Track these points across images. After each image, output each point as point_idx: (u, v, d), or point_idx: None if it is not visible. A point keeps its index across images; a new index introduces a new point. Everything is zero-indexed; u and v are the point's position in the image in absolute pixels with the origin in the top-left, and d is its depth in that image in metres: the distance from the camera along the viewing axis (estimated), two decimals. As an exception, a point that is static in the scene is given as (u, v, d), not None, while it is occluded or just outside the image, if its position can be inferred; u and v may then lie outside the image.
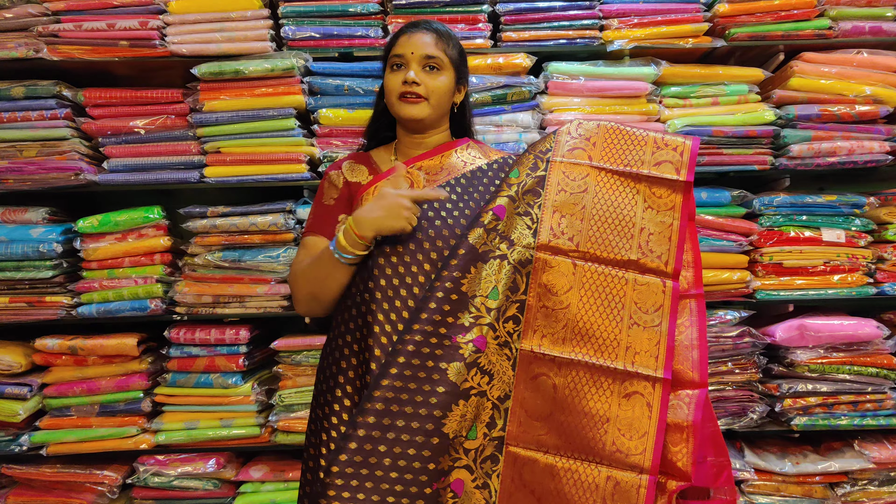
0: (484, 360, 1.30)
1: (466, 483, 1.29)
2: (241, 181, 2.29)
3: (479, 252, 1.33)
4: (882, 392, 2.23)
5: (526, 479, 1.31)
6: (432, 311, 1.29)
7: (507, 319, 1.34)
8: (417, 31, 1.45)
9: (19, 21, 2.25)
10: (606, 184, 1.40)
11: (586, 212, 1.38)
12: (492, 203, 1.38)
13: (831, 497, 2.28)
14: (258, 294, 2.28)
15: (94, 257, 2.30)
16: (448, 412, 1.25)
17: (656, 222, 1.37)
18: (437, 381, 1.26)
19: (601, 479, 1.28)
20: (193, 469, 2.32)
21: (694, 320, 1.36)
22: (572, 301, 1.33)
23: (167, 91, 2.29)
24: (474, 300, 1.32)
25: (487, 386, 1.31)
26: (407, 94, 1.41)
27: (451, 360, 1.28)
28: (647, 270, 1.35)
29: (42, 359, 2.30)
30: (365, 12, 2.31)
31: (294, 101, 2.27)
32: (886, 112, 2.27)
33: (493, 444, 1.31)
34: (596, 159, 1.42)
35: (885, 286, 2.27)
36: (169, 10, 2.25)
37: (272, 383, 2.41)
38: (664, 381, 1.29)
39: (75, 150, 2.27)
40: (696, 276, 1.38)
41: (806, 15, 2.27)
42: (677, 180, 1.37)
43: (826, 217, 2.28)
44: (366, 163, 1.52)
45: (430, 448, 1.24)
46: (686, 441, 1.27)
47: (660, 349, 1.31)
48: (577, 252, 1.36)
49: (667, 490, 1.27)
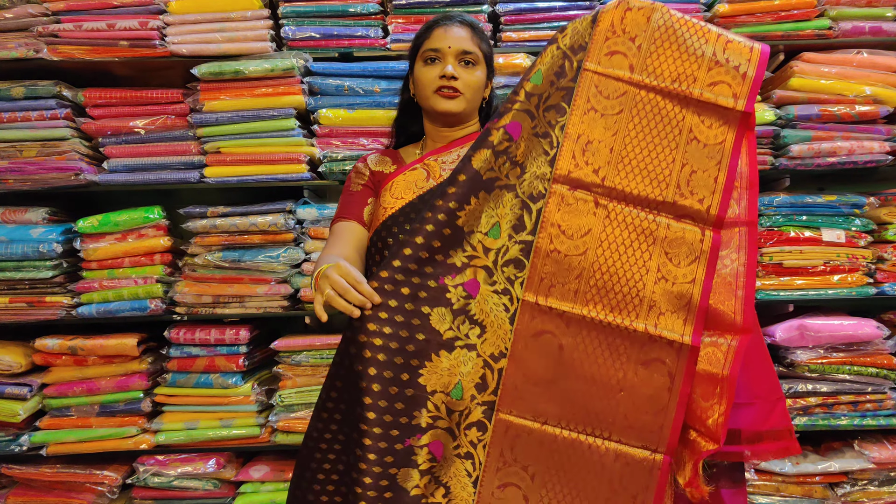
0: (475, 309, 1.14)
1: (447, 448, 1.14)
2: (241, 181, 2.29)
3: (484, 179, 1.14)
4: (882, 392, 2.23)
5: (518, 452, 1.13)
6: (418, 247, 1.12)
7: (507, 263, 1.15)
8: (453, 24, 1.42)
9: (19, 21, 2.25)
10: (647, 105, 1.16)
11: (618, 139, 1.15)
12: (504, 118, 1.16)
13: (831, 497, 2.28)
14: (258, 294, 2.28)
15: (94, 257, 2.30)
16: (427, 362, 1.12)
17: (702, 158, 1.14)
18: (417, 327, 1.12)
19: (609, 457, 1.11)
20: (193, 469, 2.31)
21: (742, 252, 1.14)
22: (590, 246, 1.13)
23: (167, 91, 2.29)
24: (471, 237, 1.15)
25: (478, 339, 1.15)
26: (444, 88, 1.39)
27: (434, 305, 1.12)
28: (684, 215, 1.14)
29: (42, 359, 2.30)
30: (365, 12, 2.31)
31: (294, 102, 2.27)
32: (886, 112, 2.26)
33: (482, 408, 1.14)
34: (638, 70, 1.17)
35: (885, 286, 2.27)
36: (169, 10, 2.25)
37: (272, 383, 2.41)
38: (692, 348, 1.10)
39: (75, 150, 2.27)
40: (751, 201, 1.15)
41: (806, 15, 2.27)
42: (732, 110, 1.13)
43: (826, 217, 2.28)
44: (392, 156, 1.52)
45: (403, 400, 1.10)
46: (719, 398, 1.07)
47: (690, 310, 1.11)
48: (601, 187, 1.15)
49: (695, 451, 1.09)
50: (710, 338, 1.12)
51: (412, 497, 1.10)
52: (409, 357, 1.11)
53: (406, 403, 1.10)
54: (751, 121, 1.15)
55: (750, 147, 1.16)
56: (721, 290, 1.14)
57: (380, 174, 1.47)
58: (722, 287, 1.14)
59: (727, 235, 1.16)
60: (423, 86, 1.43)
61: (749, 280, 1.12)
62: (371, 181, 1.46)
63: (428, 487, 1.12)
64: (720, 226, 1.14)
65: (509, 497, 1.14)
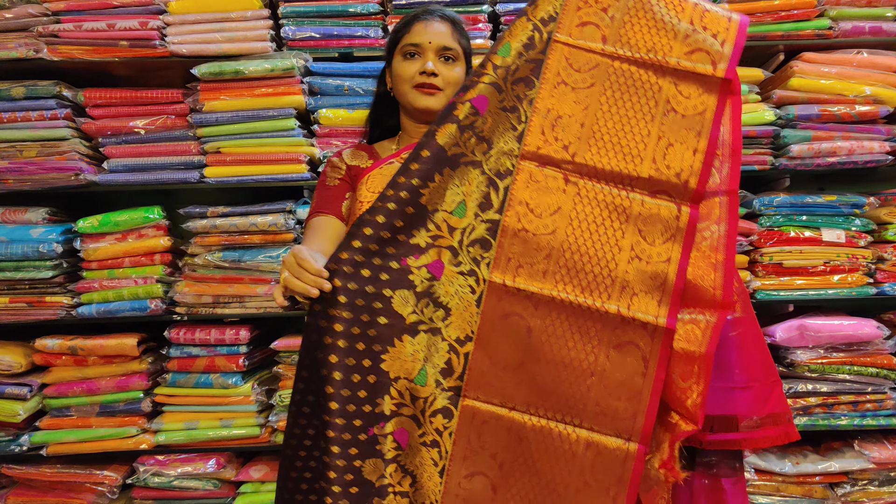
0: (440, 291, 1.10)
1: (412, 436, 1.09)
2: (241, 181, 2.29)
3: (449, 156, 1.10)
4: (882, 392, 2.23)
5: (486, 440, 1.09)
6: (380, 226, 1.08)
7: (473, 243, 1.11)
8: (433, 19, 1.41)
9: (19, 21, 2.24)
10: (621, 77, 1.11)
11: (589, 113, 1.11)
12: (470, 91, 1.11)
13: (831, 497, 2.28)
14: (258, 294, 2.28)
15: (94, 257, 2.30)
16: (389, 347, 1.07)
17: (680, 129, 1.09)
18: (378, 311, 1.07)
19: (579, 445, 1.06)
20: (193, 469, 2.31)
21: (723, 224, 1.09)
22: (559, 226, 1.08)
23: (167, 91, 2.29)
24: (434, 216, 1.10)
25: (443, 323, 1.10)
26: (424, 84, 1.37)
27: (397, 287, 1.08)
28: (659, 191, 1.09)
29: (42, 359, 2.30)
30: (365, 12, 2.31)
31: (294, 102, 2.27)
32: (886, 112, 2.26)
33: (447, 395, 1.10)
34: (611, 41, 1.12)
35: (885, 286, 2.27)
36: (169, 10, 2.25)
37: (272, 383, 2.41)
38: (666, 331, 1.06)
39: (75, 151, 2.27)
40: (734, 169, 1.10)
41: (806, 15, 2.27)
42: (712, 76, 1.08)
43: (826, 217, 2.28)
44: (367, 151, 1.50)
45: (365, 387, 1.06)
46: (697, 377, 1.02)
47: (664, 291, 1.06)
48: (571, 164, 1.10)
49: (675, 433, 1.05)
50: (689, 315, 1.08)
51: (378, 488, 1.07)
52: (371, 342, 1.07)
53: (369, 391, 1.06)
54: (734, 86, 1.11)
55: (734, 113, 1.10)
56: (700, 264, 1.09)
57: (356, 168, 1.44)
58: (701, 261, 1.09)
59: (707, 206, 1.11)
60: (401, 80, 1.40)
61: (729, 252, 1.07)
62: (347, 175, 1.43)
63: (394, 476, 1.08)
64: (698, 201, 1.08)
65: (477, 487, 1.10)
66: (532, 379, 1.08)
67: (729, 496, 1.13)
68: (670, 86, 1.10)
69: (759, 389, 1.13)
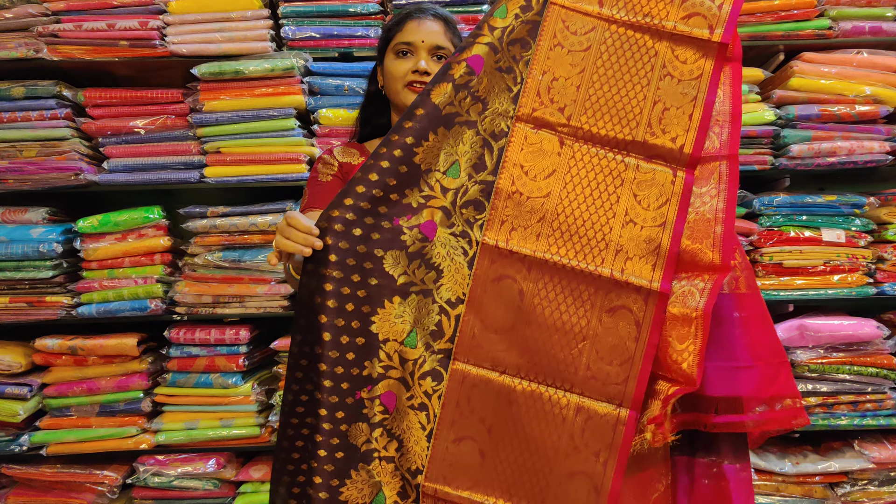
0: (432, 252, 1.09)
1: (400, 399, 1.08)
2: (241, 181, 2.29)
3: (443, 115, 1.08)
4: (882, 392, 2.23)
5: (475, 404, 1.08)
6: (372, 184, 1.06)
7: (466, 204, 1.10)
8: (426, 17, 1.41)
9: (19, 21, 2.25)
10: (617, 41, 1.11)
11: (585, 76, 1.10)
12: (466, 51, 1.10)
13: (831, 497, 2.28)
14: (258, 294, 2.28)
15: (94, 257, 2.30)
16: (379, 308, 1.06)
17: (676, 94, 1.08)
18: (369, 272, 1.06)
19: (570, 410, 1.05)
20: (193, 469, 2.31)
21: (723, 188, 1.08)
22: (554, 189, 1.08)
23: (167, 91, 2.29)
24: (428, 176, 1.09)
25: (434, 284, 1.09)
26: (415, 83, 1.37)
27: (388, 248, 1.07)
28: (654, 155, 1.09)
29: (42, 359, 2.30)
30: (365, 12, 2.31)
31: (294, 101, 2.27)
32: (886, 112, 2.26)
33: (437, 357, 1.09)
34: (608, 5, 1.12)
35: (885, 286, 2.26)
36: (169, 10, 2.25)
37: (272, 383, 2.41)
38: (660, 294, 1.05)
39: (75, 150, 2.27)
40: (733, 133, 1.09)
41: (806, 15, 2.27)
42: (709, 41, 1.07)
43: (826, 217, 2.28)
44: (357, 149, 1.51)
45: (354, 349, 1.05)
46: (694, 337, 1.01)
47: (659, 255, 1.05)
48: (566, 126, 1.10)
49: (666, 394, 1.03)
50: (686, 280, 1.07)
51: (363, 453, 1.06)
52: (360, 303, 1.06)
53: (357, 353, 1.05)
54: (733, 52, 1.10)
55: (734, 79, 1.10)
56: (699, 228, 1.08)
57: (347, 165, 1.44)
58: (700, 224, 1.08)
59: (706, 171, 1.10)
60: (393, 79, 1.40)
61: (728, 216, 1.06)
62: (339, 172, 1.43)
63: (380, 441, 1.07)
64: (694, 166, 1.07)
65: (464, 452, 1.08)
66: (523, 342, 1.07)
67: (731, 484, 1.10)
68: (667, 50, 1.09)
69: (765, 369, 1.10)
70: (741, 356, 1.10)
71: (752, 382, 1.09)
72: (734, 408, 1.09)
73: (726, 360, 1.10)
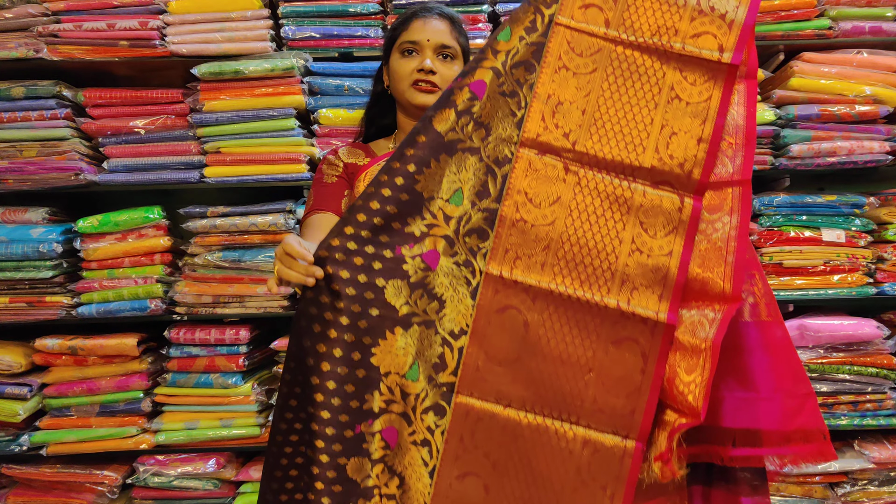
0: (434, 282, 1.06)
1: (402, 435, 1.05)
2: (241, 181, 2.29)
3: (445, 141, 1.06)
4: (882, 392, 2.23)
5: (479, 438, 1.05)
6: (373, 213, 1.04)
7: (470, 232, 1.07)
8: (432, 16, 1.40)
9: (19, 21, 2.24)
10: (623, 62, 1.07)
11: (591, 100, 1.07)
12: (469, 76, 1.08)
13: (831, 497, 2.28)
14: (258, 294, 2.28)
15: (94, 257, 2.30)
16: (381, 340, 1.04)
17: (684, 118, 1.04)
18: (370, 302, 1.04)
19: (576, 443, 1.03)
20: (193, 469, 2.31)
21: (735, 215, 1.04)
22: (559, 216, 1.05)
23: (167, 91, 2.29)
24: (430, 203, 1.06)
25: (436, 315, 1.06)
26: (421, 81, 1.37)
27: (390, 277, 1.04)
28: (662, 182, 1.05)
29: (42, 359, 2.30)
30: (365, 12, 2.31)
31: (294, 101, 2.27)
32: (886, 112, 2.26)
33: (440, 391, 1.06)
34: (614, 25, 1.08)
35: (885, 286, 2.26)
36: (169, 10, 2.25)
37: (272, 383, 2.41)
38: (666, 326, 1.02)
39: (75, 150, 2.27)
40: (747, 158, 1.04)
41: (806, 15, 2.27)
42: (718, 63, 1.02)
43: (826, 217, 2.28)
44: (363, 149, 1.51)
45: (353, 381, 1.03)
46: (702, 368, 0.97)
47: (665, 285, 1.02)
48: (572, 152, 1.07)
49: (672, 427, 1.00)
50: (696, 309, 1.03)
51: (363, 489, 1.03)
52: (361, 334, 1.03)
53: (357, 385, 1.03)
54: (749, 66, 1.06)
55: (749, 97, 1.04)
56: (711, 257, 1.04)
57: (353, 166, 1.45)
58: (712, 253, 1.04)
59: (718, 197, 1.06)
60: (399, 78, 1.40)
61: (740, 244, 1.01)
62: (345, 173, 1.43)
63: (381, 478, 1.04)
64: (702, 192, 1.03)
65: (468, 488, 1.06)
66: (528, 375, 1.05)
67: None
68: (674, 72, 1.05)
69: (788, 401, 1.07)
70: (762, 387, 1.06)
71: (774, 415, 1.05)
72: (753, 440, 1.06)
73: (745, 391, 1.06)
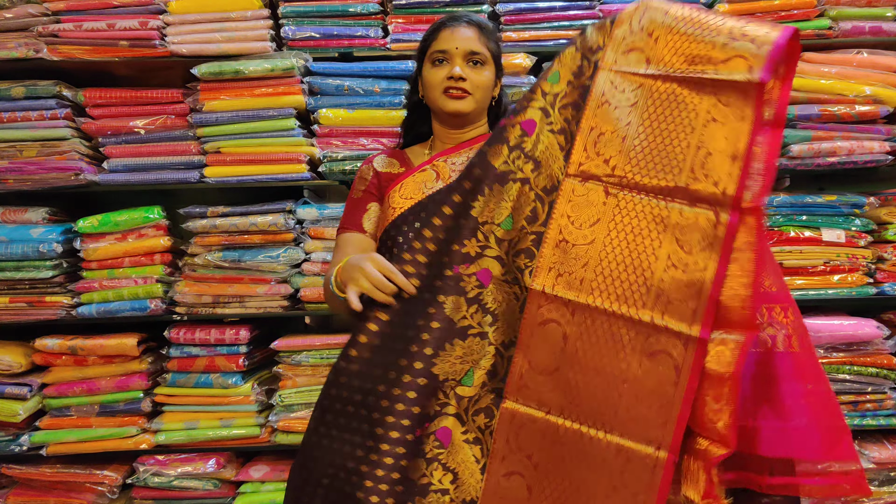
0: (488, 298, 1.17)
1: (455, 434, 1.16)
2: (241, 181, 2.29)
3: (498, 172, 1.17)
4: (882, 392, 2.23)
5: (522, 441, 1.14)
6: (426, 239, 1.16)
7: (518, 253, 1.17)
8: (460, 25, 1.43)
9: (19, 21, 2.25)
10: (663, 94, 1.12)
11: (631, 128, 1.13)
12: (520, 115, 1.20)
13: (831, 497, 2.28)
14: (258, 294, 2.28)
15: (94, 257, 2.30)
16: (440, 351, 1.14)
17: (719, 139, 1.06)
18: (432, 316, 1.15)
19: (610, 451, 1.07)
20: (193, 469, 2.31)
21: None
22: (598, 237, 1.11)
23: (167, 91, 2.29)
24: (483, 227, 1.18)
25: (490, 327, 1.17)
26: (452, 88, 1.40)
27: (449, 293, 1.16)
28: (697, 200, 1.07)
29: (42, 359, 2.30)
30: (365, 12, 2.31)
31: (294, 101, 2.27)
32: (886, 112, 2.26)
33: (491, 395, 1.17)
34: (654, 62, 1.13)
35: (885, 286, 2.26)
36: (169, 10, 2.25)
37: (272, 383, 2.41)
38: (699, 341, 1.03)
39: (75, 150, 2.27)
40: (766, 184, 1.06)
41: (806, 15, 2.27)
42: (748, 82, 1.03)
43: (826, 217, 2.28)
44: (399, 157, 1.53)
45: (415, 389, 1.13)
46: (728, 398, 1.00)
47: (700, 300, 1.03)
48: (612, 177, 1.13)
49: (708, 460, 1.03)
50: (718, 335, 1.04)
51: (420, 486, 1.12)
52: (422, 346, 1.14)
53: (419, 392, 1.13)
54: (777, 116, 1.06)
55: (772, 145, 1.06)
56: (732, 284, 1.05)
57: (387, 175, 1.49)
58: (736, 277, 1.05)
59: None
60: (431, 87, 1.44)
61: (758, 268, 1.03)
62: (374, 185, 1.49)
63: (435, 475, 1.13)
64: (738, 208, 1.03)
65: (514, 486, 1.14)
66: (567, 384, 1.11)
67: None
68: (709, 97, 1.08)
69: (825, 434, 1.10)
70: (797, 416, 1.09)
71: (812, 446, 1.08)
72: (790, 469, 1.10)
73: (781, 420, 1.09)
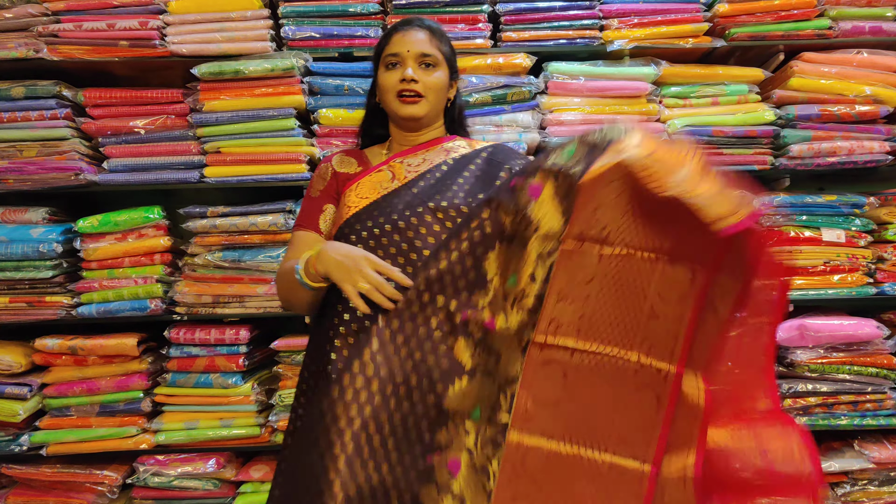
0: (493, 343, 1.28)
1: (464, 465, 1.26)
2: (241, 181, 2.29)
3: (507, 233, 1.29)
4: (882, 392, 2.23)
5: (529, 465, 1.28)
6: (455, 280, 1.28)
7: (521, 309, 1.30)
8: (411, 28, 1.45)
9: (19, 21, 2.25)
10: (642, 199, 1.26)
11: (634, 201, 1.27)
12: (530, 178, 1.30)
13: (831, 497, 2.28)
14: (258, 294, 2.28)
15: (94, 257, 2.30)
16: (450, 385, 1.25)
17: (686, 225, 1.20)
18: (443, 355, 1.26)
19: (605, 467, 1.26)
20: (193, 469, 2.31)
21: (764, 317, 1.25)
22: (592, 293, 1.27)
23: (167, 91, 2.29)
24: (493, 282, 1.29)
25: (495, 366, 1.29)
26: (405, 92, 1.42)
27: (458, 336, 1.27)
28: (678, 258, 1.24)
29: (42, 359, 2.30)
30: (365, 12, 2.31)
31: (294, 101, 2.27)
32: (886, 112, 2.27)
33: (496, 428, 1.29)
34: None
35: (885, 286, 2.27)
36: (169, 10, 2.25)
37: (272, 383, 2.41)
38: (676, 375, 1.24)
39: (75, 150, 2.27)
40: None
41: (806, 15, 2.27)
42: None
43: (826, 217, 2.28)
44: (357, 157, 1.54)
45: (428, 419, 1.24)
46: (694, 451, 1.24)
47: (678, 342, 1.24)
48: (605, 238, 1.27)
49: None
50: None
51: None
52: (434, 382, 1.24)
53: (430, 422, 1.24)
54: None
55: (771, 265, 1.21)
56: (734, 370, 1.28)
57: (344, 175, 1.50)
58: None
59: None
60: (385, 91, 1.46)
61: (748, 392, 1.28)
62: (332, 186, 1.49)
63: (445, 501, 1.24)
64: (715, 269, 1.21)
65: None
66: (567, 415, 1.28)
67: None
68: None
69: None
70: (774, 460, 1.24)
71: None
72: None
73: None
